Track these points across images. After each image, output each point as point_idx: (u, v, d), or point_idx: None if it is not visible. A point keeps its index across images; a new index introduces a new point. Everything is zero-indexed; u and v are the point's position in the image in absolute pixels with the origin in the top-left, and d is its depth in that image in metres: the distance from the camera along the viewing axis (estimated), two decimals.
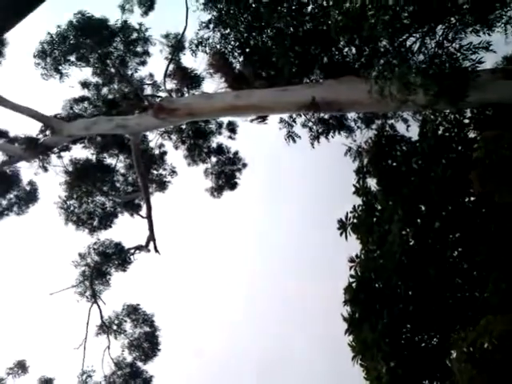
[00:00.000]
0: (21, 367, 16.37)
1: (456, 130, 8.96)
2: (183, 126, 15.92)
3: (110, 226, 16.16)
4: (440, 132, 9.03)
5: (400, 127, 11.49)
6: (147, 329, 15.25)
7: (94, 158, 15.86)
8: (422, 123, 9.56)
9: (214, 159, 16.82)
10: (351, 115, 12.62)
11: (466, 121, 9.03)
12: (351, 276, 8.61)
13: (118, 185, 16.54)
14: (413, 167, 8.92)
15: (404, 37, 7.70)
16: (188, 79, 14.52)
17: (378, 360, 7.56)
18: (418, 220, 8.52)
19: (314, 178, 22.17)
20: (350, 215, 9.05)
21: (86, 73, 15.25)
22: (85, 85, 15.75)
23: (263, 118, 12.19)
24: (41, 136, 14.30)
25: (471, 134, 9.02)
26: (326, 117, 12.34)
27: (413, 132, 9.93)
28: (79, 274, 15.26)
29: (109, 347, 15.01)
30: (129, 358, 15.15)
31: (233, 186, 16.78)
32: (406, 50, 7.81)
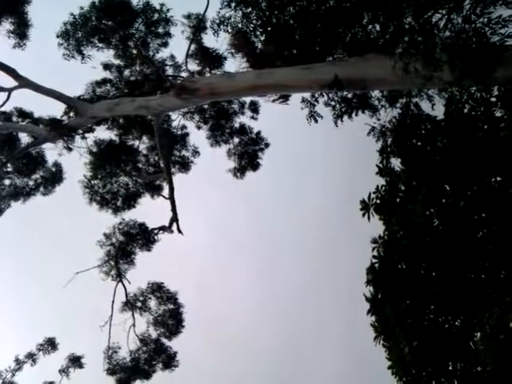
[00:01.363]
0: (50, 344, 16.92)
1: (482, 108, 8.73)
2: (205, 107, 15.93)
3: (134, 206, 16.40)
4: (466, 110, 8.82)
5: (425, 106, 11.26)
6: (171, 306, 15.56)
7: (117, 139, 16.03)
8: (448, 101, 9.34)
9: (236, 140, 16.84)
10: (375, 94, 12.42)
11: (493, 99, 8.78)
12: (374, 257, 8.54)
13: (140, 166, 16.71)
14: (438, 146, 8.75)
15: (429, 13, 7.50)
16: (210, 59, 14.46)
17: (400, 340, 7.53)
18: (443, 200, 8.38)
19: (335, 159, 22.02)
20: (372, 196, 8.93)
21: (108, 54, 15.36)
22: (107, 67, 15.86)
23: (285, 98, 12.08)
24: (65, 117, 14.52)
25: (498, 113, 8.78)
26: (350, 96, 12.17)
27: (438, 111, 9.70)
28: (105, 254, 15.58)
29: (134, 324, 15.38)
30: (154, 335, 15.53)
31: (255, 166, 16.80)
32: (431, 26, 7.61)
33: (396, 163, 8.83)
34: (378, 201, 8.83)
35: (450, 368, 7.53)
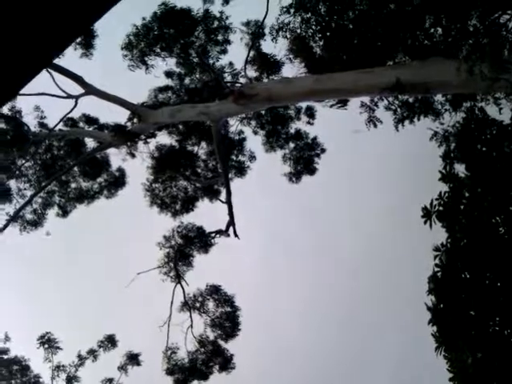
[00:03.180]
0: (110, 341, 17.56)
1: None
2: (262, 112, 16.07)
3: (192, 210, 16.79)
4: None
5: (490, 110, 10.82)
6: (228, 309, 15.74)
7: (177, 144, 16.48)
8: None
9: (292, 145, 16.85)
10: (437, 98, 12.10)
11: None
12: (436, 265, 8.32)
13: (199, 170, 17.09)
14: (504, 152, 8.42)
15: (497, 14, 7.27)
16: (268, 65, 14.60)
17: (463, 351, 7.30)
18: (510, 207, 8.06)
19: (395, 166, 21.59)
20: (435, 202, 8.71)
21: (170, 63, 15.84)
22: (168, 74, 16.37)
23: (343, 103, 12.01)
24: (129, 124, 15.09)
25: None
26: (411, 100, 11.93)
27: (505, 115, 9.33)
28: (164, 256, 16.00)
29: (192, 326, 15.68)
30: (211, 336, 15.76)
31: (312, 170, 16.74)
32: (499, 27, 7.36)
33: (460, 169, 8.57)
34: (441, 208, 8.60)
35: None
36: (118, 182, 17.20)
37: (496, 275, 7.86)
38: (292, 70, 12.97)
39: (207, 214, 17.38)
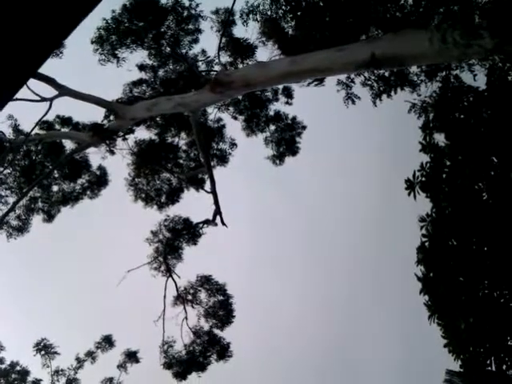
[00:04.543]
0: (107, 341, 17.50)
1: None
2: (240, 97, 15.95)
3: (178, 201, 16.71)
4: (510, 78, 8.48)
5: (466, 78, 10.88)
6: (221, 297, 15.78)
7: (156, 137, 16.31)
8: (490, 70, 9.00)
9: (272, 127, 16.77)
10: (413, 69, 12.10)
11: None
12: (423, 235, 8.38)
13: (181, 161, 16.98)
14: (482, 118, 8.47)
15: None
16: (241, 50, 14.47)
17: (456, 317, 7.39)
18: (491, 172, 8.12)
19: (376, 140, 21.67)
20: (417, 174, 8.74)
21: (142, 55, 15.61)
22: (141, 67, 16.12)
23: (320, 81, 11.95)
24: (105, 121, 14.88)
25: None
26: (387, 74, 11.92)
27: (480, 81, 9.36)
28: (153, 251, 15.95)
29: (186, 318, 15.70)
30: (206, 327, 15.81)
31: (294, 151, 16.71)
32: None
33: (440, 139, 8.60)
34: (424, 178, 8.64)
35: (510, 343, 7.33)
36: (100, 181, 16.99)
37: (482, 240, 7.95)
38: (266, 52, 12.88)
39: (193, 205, 17.33)
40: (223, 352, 15.55)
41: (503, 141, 7.85)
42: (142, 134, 16.07)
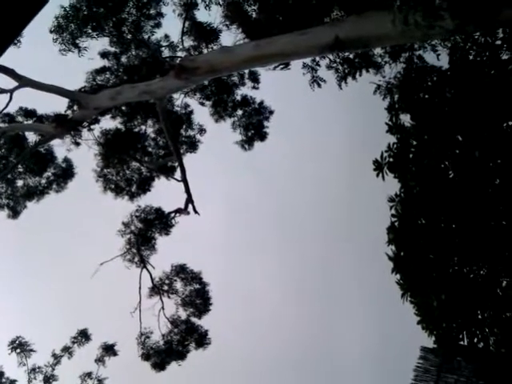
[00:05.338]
0: (84, 336, 17.32)
1: (488, 53, 8.52)
2: (206, 83, 15.76)
3: (149, 190, 16.52)
4: (471, 57, 8.62)
5: (429, 58, 11.01)
6: (197, 286, 15.79)
7: (122, 127, 16.00)
8: (451, 50, 9.13)
9: (240, 112, 16.64)
10: (377, 51, 12.16)
11: (498, 42, 8.56)
12: (392, 215, 8.52)
13: (150, 150, 16.72)
14: (446, 97, 8.60)
15: None
16: (205, 34, 14.24)
17: (428, 294, 7.58)
18: (457, 151, 8.28)
19: (342, 123, 21.82)
20: (385, 154, 8.85)
21: (104, 43, 15.18)
22: (104, 55, 15.71)
23: (285, 65, 11.89)
24: (69, 112, 14.50)
25: (504, 56, 8.57)
26: (351, 56, 11.94)
27: (443, 61, 9.51)
28: (126, 242, 15.77)
29: (163, 308, 15.65)
30: (183, 316, 15.81)
31: (262, 136, 16.65)
32: None
33: (406, 119, 8.71)
34: (391, 159, 8.75)
35: (480, 317, 7.57)
36: (66, 173, 16.60)
37: (450, 218, 8.14)
38: (230, 36, 12.72)
39: (165, 194, 17.15)
40: (201, 340, 15.60)
41: (467, 119, 8.00)
42: (108, 123, 15.75)
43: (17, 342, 17.08)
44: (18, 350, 17.04)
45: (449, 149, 8.34)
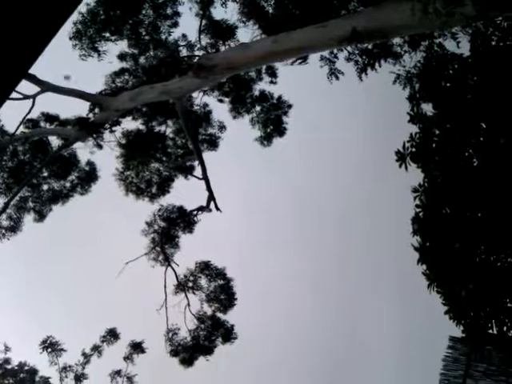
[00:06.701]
0: (112, 334, 17.61)
1: (511, 37, 8.37)
2: (223, 80, 15.78)
3: (168, 192, 16.65)
4: (493, 43, 8.48)
5: (449, 45, 10.83)
6: (221, 281, 15.88)
7: (143, 127, 16.17)
8: (473, 37, 8.99)
9: (258, 108, 16.58)
10: (396, 41, 12.02)
11: None
12: (417, 206, 8.46)
13: (169, 150, 16.84)
14: (468, 84, 8.48)
15: None
16: (222, 32, 14.28)
17: (455, 284, 7.52)
18: (481, 139, 8.17)
19: (363, 115, 21.64)
20: (407, 145, 8.78)
21: (122, 45, 15.33)
22: (122, 57, 15.87)
23: (304, 59, 11.86)
24: (91, 115, 14.70)
25: None
26: (370, 47, 11.83)
27: (464, 48, 9.35)
28: (150, 241, 15.94)
29: (188, 304, 15.81)
30: (209, 311, 15.93)
31: (281, 132, 16.54)
32: None
33: (427, 108, 8.62)
34: (414, 149, 8.68)
35: (509, 305, 7.49)
36: (89, 176, 16.85)
37: (475, 206, 8.04)
38: (247, 33, 12.73)
39: (186, 193, 17.25)
40: (228, 335, 15.72)
41: (491, 106, 7.89)
42: (129, 125, 15.92)
43: (48, 341, 17.46)
44: (49, 350, 17.42)
45: (473, 137, 8.24)
